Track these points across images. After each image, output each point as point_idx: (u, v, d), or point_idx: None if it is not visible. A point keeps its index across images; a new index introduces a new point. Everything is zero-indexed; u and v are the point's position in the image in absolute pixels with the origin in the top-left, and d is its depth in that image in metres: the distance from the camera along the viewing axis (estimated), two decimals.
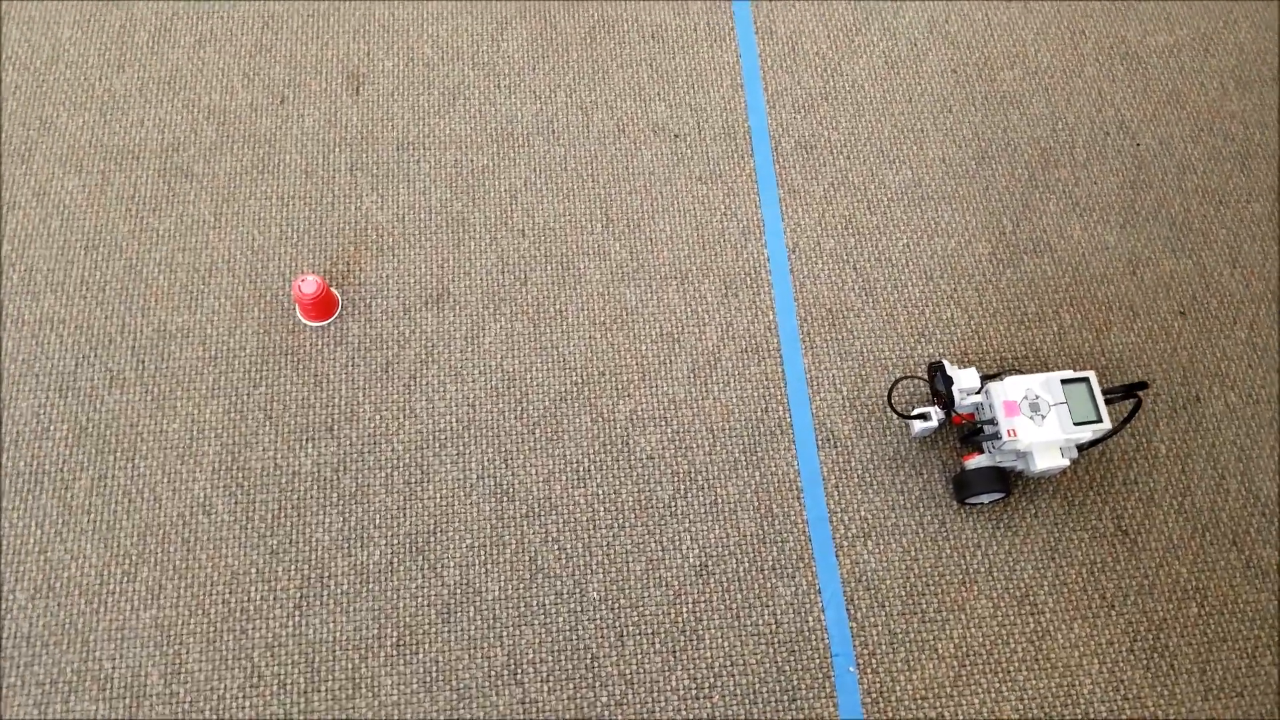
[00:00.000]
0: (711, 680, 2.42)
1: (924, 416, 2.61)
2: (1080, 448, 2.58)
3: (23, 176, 2.91)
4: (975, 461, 2.60)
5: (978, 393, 2.56)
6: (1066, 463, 2.49)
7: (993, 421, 2.51)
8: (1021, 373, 2.82)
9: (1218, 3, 3.47)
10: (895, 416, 2.74)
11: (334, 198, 2.94)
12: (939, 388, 2.62)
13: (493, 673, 2.39)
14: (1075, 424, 2.44)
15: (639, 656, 2.43)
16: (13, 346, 2.69)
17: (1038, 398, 2.47)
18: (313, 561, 2.48)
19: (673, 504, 2.61)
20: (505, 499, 2.58)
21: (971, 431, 2.64)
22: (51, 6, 3.19)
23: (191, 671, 2.35)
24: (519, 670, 2.39)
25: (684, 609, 2.49)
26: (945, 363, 2.63)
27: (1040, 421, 2.46)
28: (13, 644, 2.36)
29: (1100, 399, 2.46)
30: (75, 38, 3.15)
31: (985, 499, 2.60)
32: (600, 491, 2.61)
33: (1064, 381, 2.48)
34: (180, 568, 2.45)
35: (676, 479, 2.64)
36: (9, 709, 2.31)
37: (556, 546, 2.54)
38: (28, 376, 2.65)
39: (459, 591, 2.47)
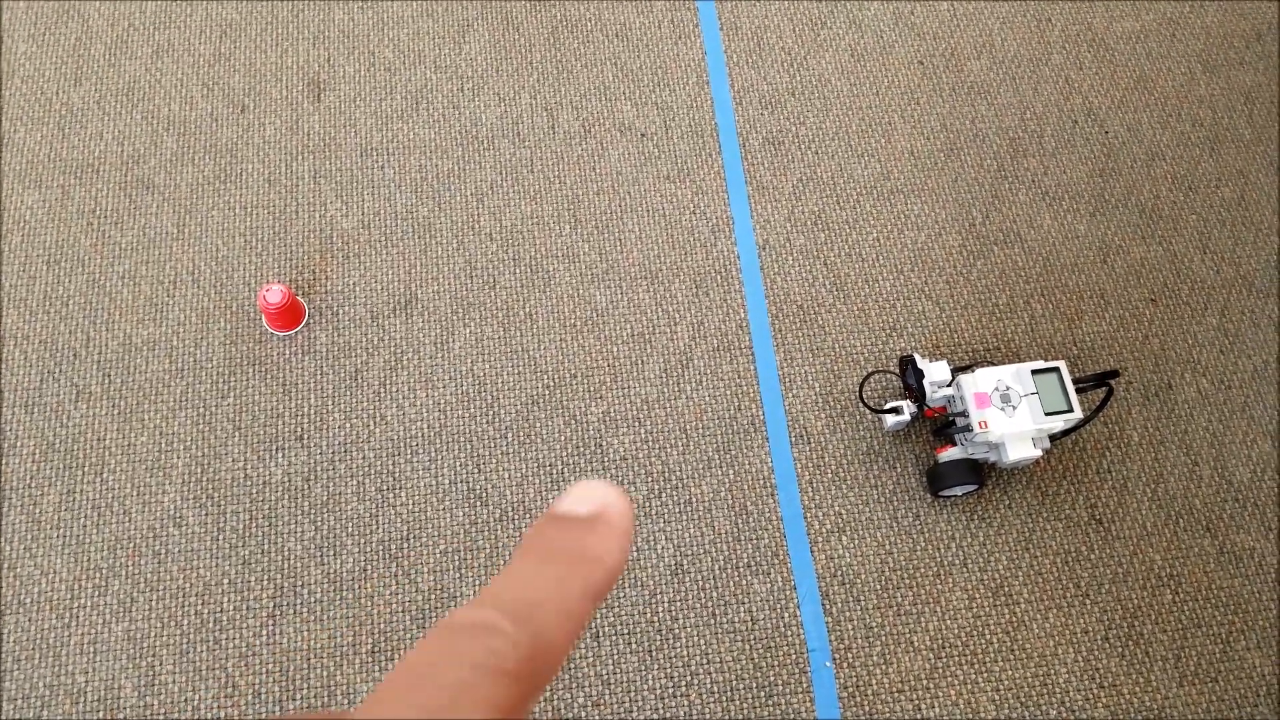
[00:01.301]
0: (688, 679, 2.56)
1: (896, 410, 2.77)
2: (1052, 438, 2.73)
3: None
4: (948, 454, 2.75)
5: (949, 385, 2.71)
6: (1039, 453, 2.64)
7: (964, 414, 2.66)
8: (993, 364, 2.98)
9: None
10: (868, 411, 2.90)
11: (298, 206, 3.08)
12: (910, 381, 2.77)
13: None
14: (1046, 414, 2.59)
15: (615, 656, 2.57)
16: None
17: (1008, 389, 2.63)
18: (285, 570, 2.61)
19: (647, 504, 2.75)
20: (478, 503, 2.72)
21: (944, 424, 2.79)
22: (4, 19, 3.33)
23: (165, 683, 2.48)
24: None
25: (659, 608, 2.64)
26: (916, 356, 2.78)
27: (1011, 413, 2.61)
28: None
29: (1071, 389, 2.61)
30: (30, 52, 3.28)
31: (959, 491, 2.76)
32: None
33: (1034, 372, 2.64)
34: (152, 580, 2.58)
35: (650, 479, 2.78)
36: None
37: None
38: None
39: (433, 597, 2.60)
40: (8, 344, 2.84)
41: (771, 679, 2.57)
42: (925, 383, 2.73)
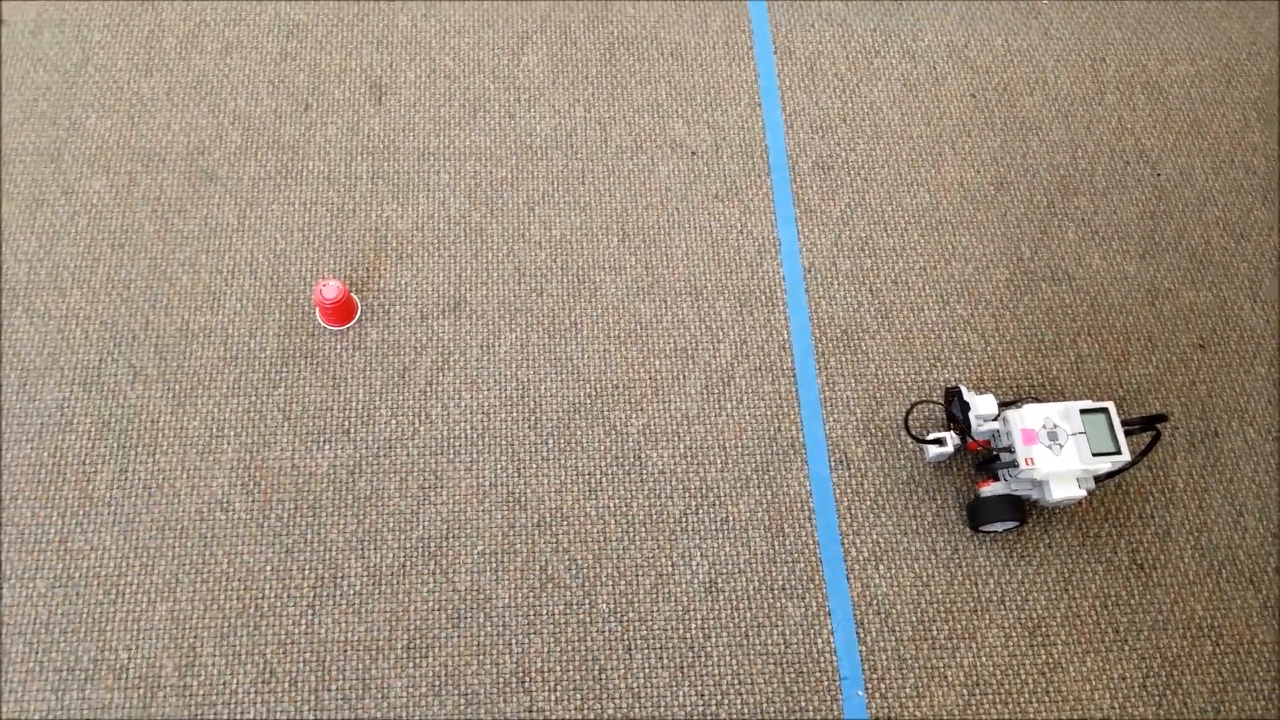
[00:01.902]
0: (719, 698, 2.60)
1: (940, 442, 2.82)
2: (1097, 479, 2.77)
3: (52, 175, 3.18)
4: (990, 489, 2.79)
5: (995, 419, 2.76)
6: (1083, 493, 2.68)
7: (1009, 449, 2.70)
8: (1039, 401, 3.02)
9: (1240, 34, 3.73)
10: (910, 440, 2.95)
11: (355, 205, 3.20)
12: (955, 413, 2.83)
13: (501, 680, 2.58)
14: (1094, 455, 2.62)
15: (646, 670, 2.62)
16: (39, 340, 2.93)
17: (1056, 427, 2.66)
18: (326, 562, 2.69)
19: (683, 519, 2.81)
20: (517, 507, 2.79)
21: (987, 458, 2.84)
22: (82, 10, 3.49)
23: (205, 665, 2.55)
24: (527, 678, 2.59)
25: (692, 625, 2.69)
26: (962, 388, 2.84)
27: (1058, 451, 2.65)
28: (32, 631, 2.58)
29: (1119, 430, 2.64)
30: (105, 42, 3.44)
31: (999, 527, 2.79)
32: (611, 504, 2.82)
33: (1083, 411, 2.67)
34: (197, 563, 2.67)
35: (688, 495, 2.85)
36: (28, 694, 2.52)
37: (567, 557, 2.74)
38: (52, 370, 2.89)
39: (469, 597, 2.67)
40: (69, 322, 2.96)
41: (802, 704, 2.61)
42: (971, 415, 2.78)
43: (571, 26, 3.59)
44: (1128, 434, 2.73)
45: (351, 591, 2.66)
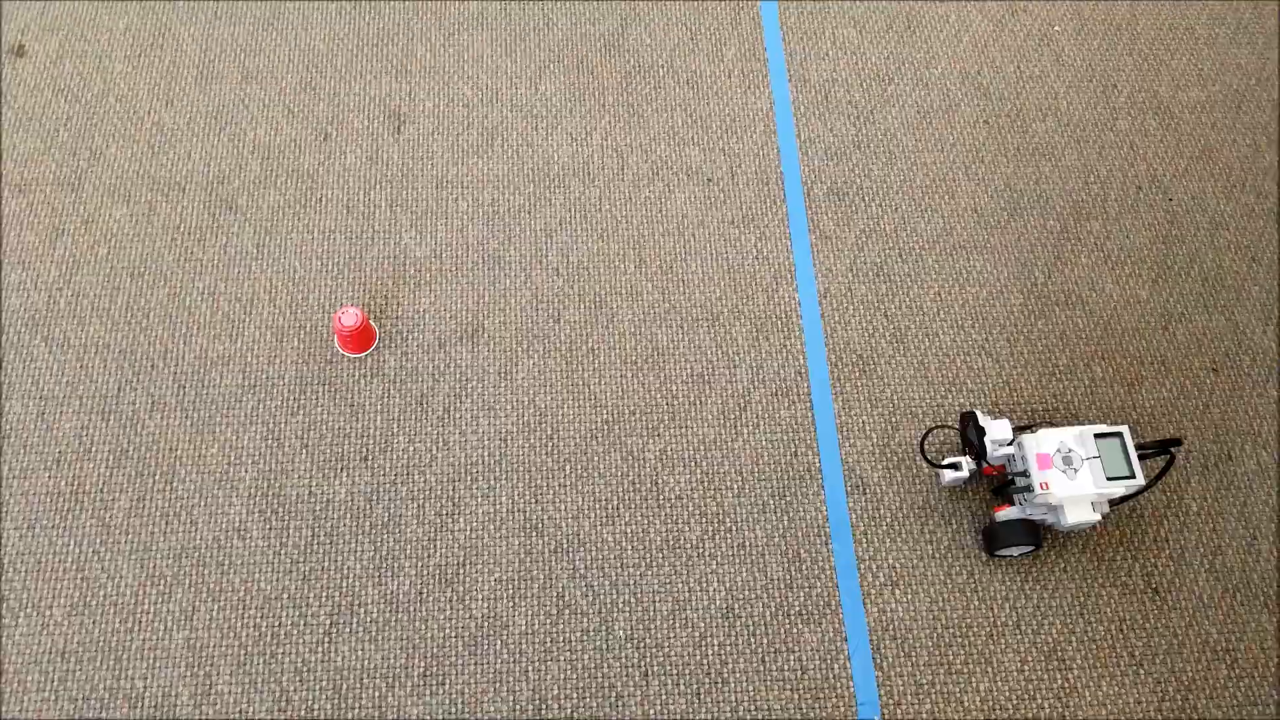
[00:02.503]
0: None
1: (955, 466, 2.88)
2: (1112, 503, 2.83)
3: (73, 205, 3.28)
4: (1006, 513, 2.85)
5: (1010, 444, 2.83)
6: (1098, 517, 2.74)
7: (1024, 473, 2.77)
8: (1053, 425, 3.09)
9: (1250, 60, 3.82)
10: (925, 465, 3.01)
11: (374, 233, 3.29)
12: (971, 438, 2.89)
13: (517, 707, 2.64)
14: (1108, 479, 2.69)
15: (663, 697, 2.68)
16: (58, 369, 3.02)
17: (1071, 451, 2.73)
18: (343, 589, 2.75)
19: (700, 545, 2.88)
20: (534, 534, 2.86)
21: (1003, 483, 2.90)
22: (104, 41, 3.61)
23: (221, 694, 2.61)
24: (544, 705, 2.64)
25: (709, 651, 2.74)
26: (978, 413, 2.91)
27: (1073, 475, 2.71)
28: (48, 659, 2.64)
29: (1134, 454, 2.71)
30: (126, 72, 3.55)
31: (1015, 552, 2.85)
32: (629, 530, 2.88)
33: (1098, 436, 2.74)
34: (214, 590, 2.73)
35: (705, 520, 2.91)
36: None
37: (584, 583, 2.80)
38: (71, 399, 2.97)
39: (486, 624, 2.73)
40: (88, 351, 3.05)
41: None
42: (986, 440, 2.85)
43: (588, 56, 3.69)
44: (1142, 458, 2.79)
45: (369, 619, 2.72)
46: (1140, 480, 2.68)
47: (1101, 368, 3.21)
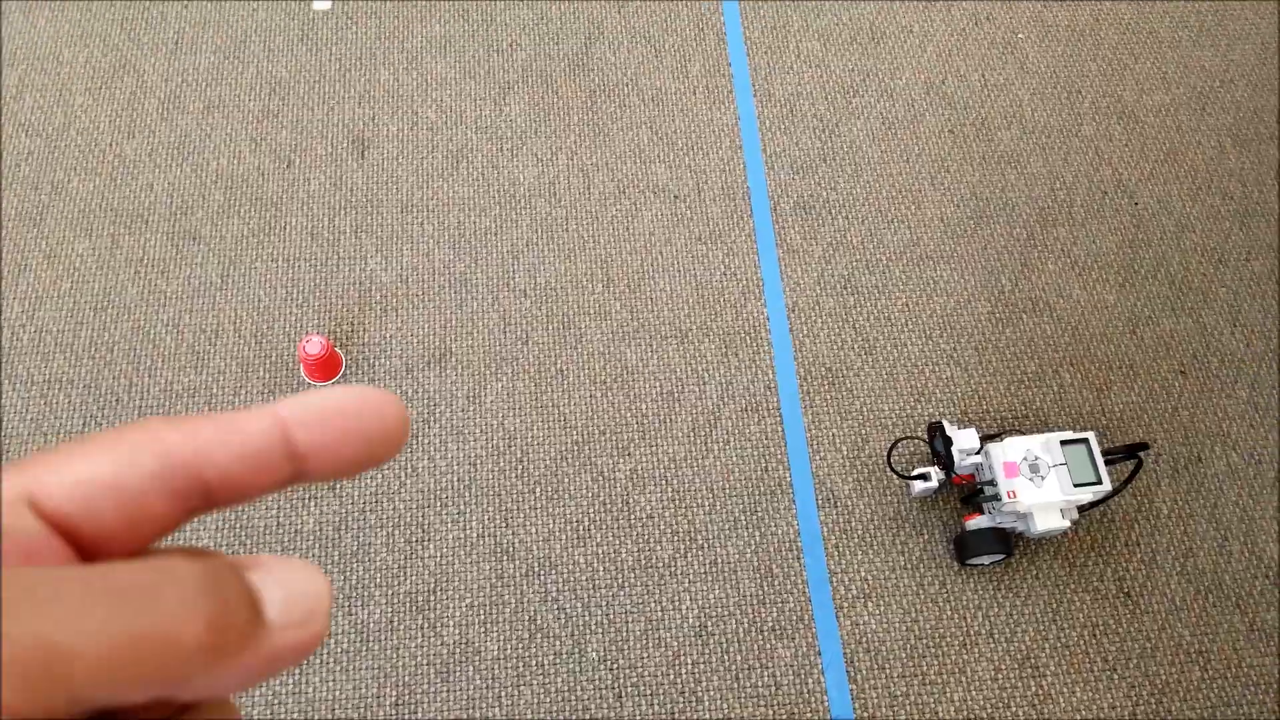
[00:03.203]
0: None
1: (924, 477, 2.96)
2: (1081, 509, 2.91)
3: (34, 240, 3.34)
4: (976, 522, 2.93)
5: (977, 453, 2.91)
6: (1067, 524, 2.82)
7: (992, 482, 2.85)
8: (1021, 433, 3.17)
9: (1213, 61, 3.93)
10: (895, 477, 3.09)
11: (339, 259, 3.36)
12: (938, 448, 2.97)
13: None
14: (1075, 485, 2.77)
15: (637, 717, 2.74)
16: (22, 406, 3.07)
17: (1037, 459, 2.81)
18: None
19: (673, 564, 2.94)
20: (505, 558, 2.92)
21: (972, 492, 2.98)
22: (64, 74, 3.68)
23: None
24: None
25: (683, 670, 2.80)
26: (945, 423, 2.99)
27: (1040, 483, 2.79)
28: None
29: (1100, 460, 2.80)
30: (87, 105, 3.62)
31: (986, 560, 2.93)
32: (600, 551, 2.95)
33: (1063, 442, 2.82)
34: None
35: (676, 538, 2.98)
36: None
37: (556, 606, 2.87)
38: (35, 436, 3.03)
39: (458, 650, 2.79)
40: (52, 388, 3.11)
41: None
42: (954, 450, 2.93)
43: (553, 75, 3.78)
44: (1111, 463, 2.88)
45: (339, 649, 2.78)
46: (1107, 486, 2.77)
47: (1070, 373, 3.29)
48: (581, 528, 2.98)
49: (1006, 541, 2.87)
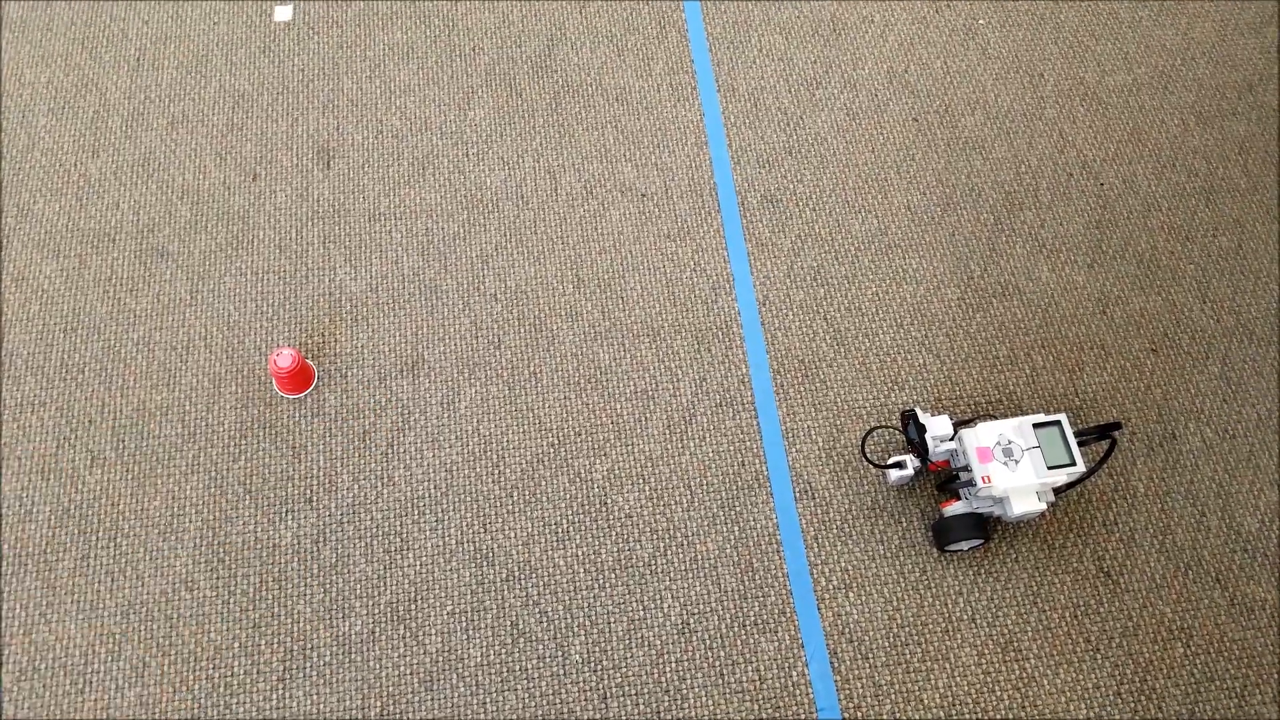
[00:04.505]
0: None
1: (899, 465, 2.93)
2: (1057, 491, 2.88)
3: (2, 263, 3.29)
4: (953, 508, 2.90)
5: (951, 440, 2.88)
6: (1044, 506, 2.79)
7: (967, 468, 2.82)
8: (994, 418, 3.14)
9: (1174, 40, 3.91)
10: (871, 466, 3.06)
11: (308, 271, 3.31)
12: (912, 436, 2.94)
13: None
14: (1049, 468, 2.74)
15: (622, 717, 2.70)
16: None
17: (1010, 443, 2.78)
18: (295, 634, 2.77)
19: (653, 562, 2.91)
20: (485, 564, 2.88)
21: (948, 478, 2.95)
22: (27, 95, 3.62)
23: None
24: None
25: (667, 668, 2.77)
26: (917, 410, 2.96)
27: (1014, 467, 2.76)
28: None
29: (1073, 441, 2.77)
30: (50, 125, 3.56)
31: (965, 546, 2.90)
32: (580, 552, 2.91)
33: (1036, 425, 2.80)
34: (164, 644, 2.74)
35: (656, 537, 2.94)
36: None
37: (538, 610, 2.83)
38: (9, 460, 2.97)
39: (440, 659, 2.75)
40: (24, 411, 3.05)
41: None
42: (927, 437, 2.90)
43: (516, 78, 3.74)
44: (1085, 444, 2.85)
45: (321, 662, 2.73)
46: (1081, 467, 2.74)
47: (1042, 356, 3.27)
48: (560, 530, 2.94)
49: (983, 527, 2.84)
